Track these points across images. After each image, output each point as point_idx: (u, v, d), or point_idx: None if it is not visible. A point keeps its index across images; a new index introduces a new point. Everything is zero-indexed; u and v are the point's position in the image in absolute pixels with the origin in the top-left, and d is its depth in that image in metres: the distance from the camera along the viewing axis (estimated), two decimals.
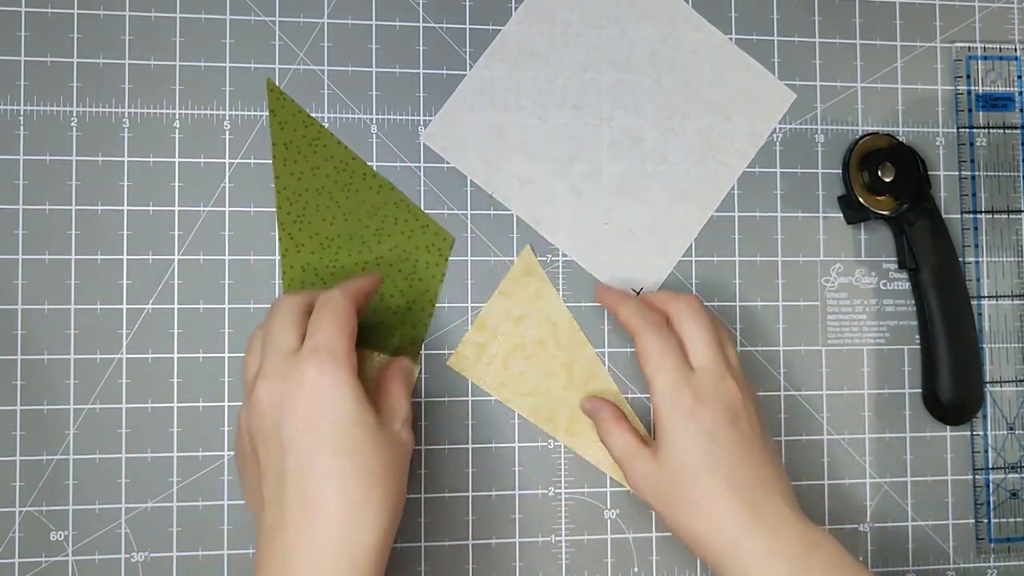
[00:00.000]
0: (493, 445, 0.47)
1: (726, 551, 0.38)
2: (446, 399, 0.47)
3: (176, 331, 0.45)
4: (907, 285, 0.50)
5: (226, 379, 0.45)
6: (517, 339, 0.47)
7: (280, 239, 0.46)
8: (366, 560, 0.34)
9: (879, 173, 0.48)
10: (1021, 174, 0.51)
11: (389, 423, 0.38)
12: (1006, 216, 0.51)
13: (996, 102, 0.51)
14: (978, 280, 0.50)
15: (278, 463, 0.35)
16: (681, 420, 0.39)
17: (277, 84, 0.47)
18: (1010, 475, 0.50)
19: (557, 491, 0.47)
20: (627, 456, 0.41)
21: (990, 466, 0.50)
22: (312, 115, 0.47)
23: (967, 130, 0.51)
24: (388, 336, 0.46)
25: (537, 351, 0.47)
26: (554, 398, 0.47)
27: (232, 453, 0.45)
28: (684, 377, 0.40)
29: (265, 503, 0.35)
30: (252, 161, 0.46)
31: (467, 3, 0.48)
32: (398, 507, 0.36)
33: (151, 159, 0.46)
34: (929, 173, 0.49)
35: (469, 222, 0.48)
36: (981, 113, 0.51)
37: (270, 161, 0.46)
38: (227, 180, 0.46)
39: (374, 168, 0.47)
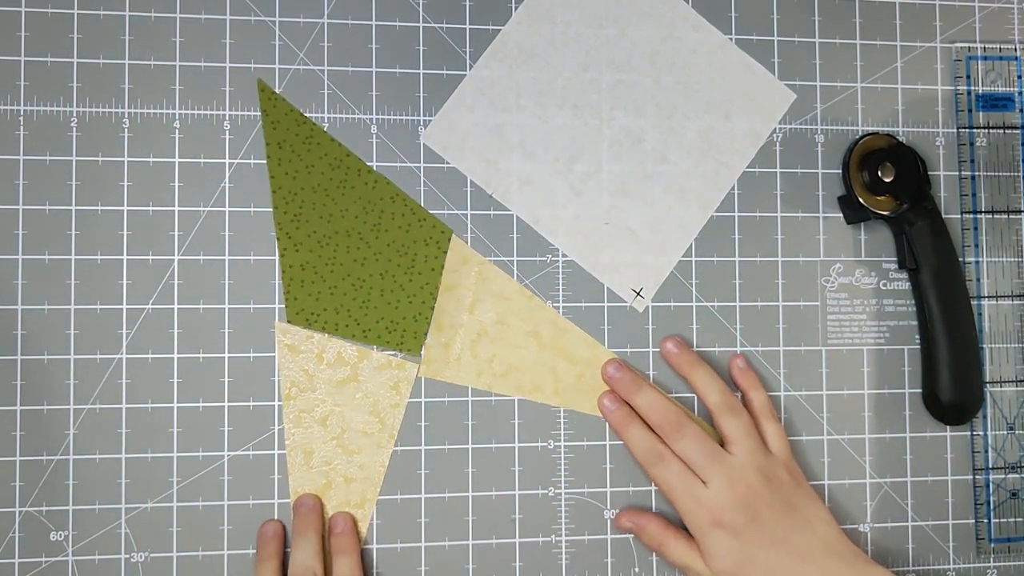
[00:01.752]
0: (493, 445, 0.47)
1: None
2: (446, 399, 0.47)
3: (176, 331, 0.45)
4: (907, 285, 0.50)
5: (226, 379, 0.45)
6: (477, 326, 0.47)
7: (278, 239, 0.46)
8: None
9: (879, 173, 0.48)
10: (1021, 174, 0.51)
11: None
12: (1006, 216, 0.51)
13: (996, 102, 0.51)
14: (978, 280, 0.50)
15: None
16: (708, 534, 0.43)
17: (277, 84, 0.47)
18: (1010, 475, 0.50)
19: (557, 491, 0.47)
20: (687, 561, 0.45)
21: (990, 466, 0.50)
22: (312, 115, 0.47)
23: (967, 130, 0.51)
24: (390, 331, 0.46)
25: (500, 330, 0.47)
26: (531, 367, 0.47)
27: (232, 453, 0.45)
28: (696, 498, 0.44)
29: None
30: (252, 161, 0.46)
31: (467, 3, 0.48)
32: None
33: (151, 159, 0.46)
34: (929, 173, 0.49)
35: (469, 222, 0.48)
36: (981, 113, 0.51)
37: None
38: (227, 180, 0.46)
39: (372, 167, 0.47)
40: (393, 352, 0.46)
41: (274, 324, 0.46)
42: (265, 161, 0.46)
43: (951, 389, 0.48)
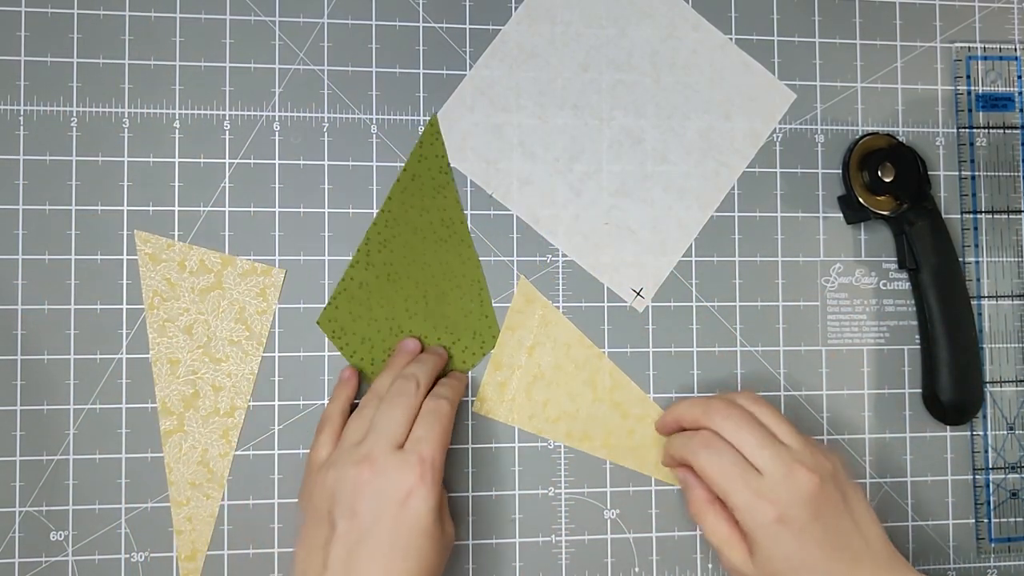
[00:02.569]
0: (493, 445, 0.47)
1: None
2: None
3: None
4: (907, 285, 0.50)
5: None
6: (534, 369, 0.47)
7: (359, 250, 0.46)
8: None
9: (879, 173, 0.48)
10: (1021, 174, 0.51)
11: (446, 524, 0.41)
12: (1006, 216, 0.51)
13: (996, 102, 0.51)
14: (978, 280, 0.50)
15: (352, 540, 0.38)
16: (768, 532, 0.39)
17: (277, 84, 0.47)
18: (1010, 475, 0.50)
19: (557, 491, 0.47)
20: (722, 545, 0.41)
21: (990, 466, 0.50)
22: (312, 115, 0.47)
23: (967, 130, 0.51)
24: None
25: (556, 375, 0.47)
26: (584, 417, 0.47)
27: (232, 453, 0.45)
28: (756, 490, 0.39)
29: (326, 567, 0.38)
30: (252, 161, 0.46)
31: (467, 3, 0.48)
32: None
33: (151, 159, 0.46)
34: (929, 173, 0.49)
35: (469, 222, 0.48)
36: (981, 113, 0.51)
37: (270, 161, 0.46)
38: (227, 180, 0.46)
39: (472, 242, 0.47)
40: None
41: (275, 327, 0.46)
42: (265, 161, 0.46)
43: (951, 389, 0.48)
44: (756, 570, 0.40)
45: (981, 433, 0.50)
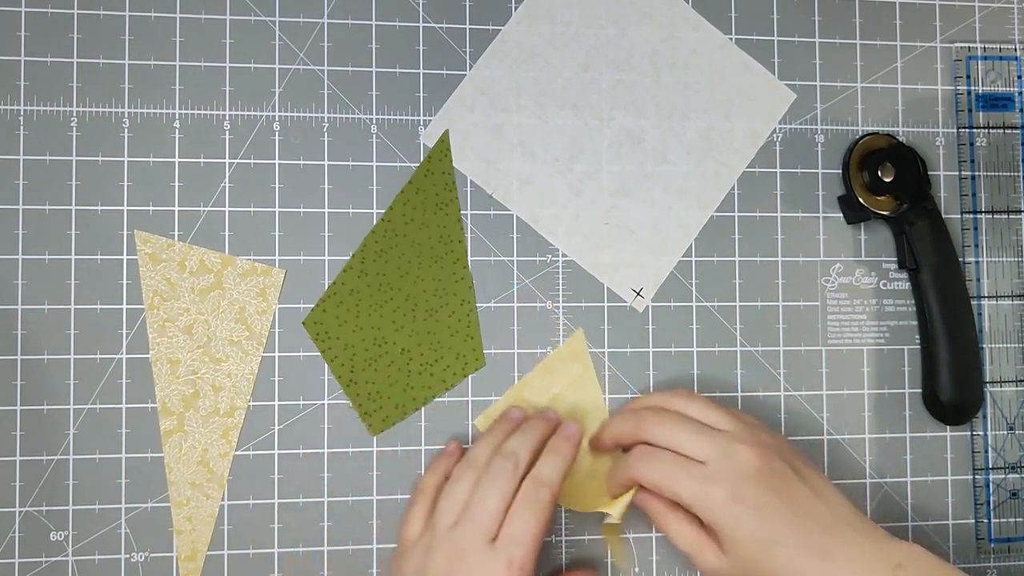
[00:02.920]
0: None
1: None
2: (446, 399, 0.47)
3: None
4: (907, 285, 0.50)
5: None
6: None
7: (353, 255, 0.46)
8: None
9: (879, 173, 0.48)
10: (1021, 174, 0.51)
11: None
12: (1006, 216, 0.51)
13: (996, 102, 0.51)
14: (978, 280, 0.50)
15: None
16: (726, 514, 0.39)
17: (277, 84, 0.47)
18: (1010, 475, 0.50)
19: None
20: (694, 550, 0.41)
21: (990, 466, 0.50)
22: (312, 115, 0.47)
23: (967, 130, 0.51)
24: (371, 399, 0.46)
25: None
26: (582, 472, 0.45)
27: (232, 453, 0.45)
28: (701, 478, 0.39)
29: None
30: (252, 161, 0.46)
31: (467, 3, 0.48)
32: None
33: (151, 159, 0.46)
34: (929, 173, 0.49)
35: (469, 222, 0.48)
36: (981, 113, 0.51)
37: (270, 161, 0.46)
38: (227, 180, 0.46)
39: (468, 263, 0.47)
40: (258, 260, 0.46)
41: (275, 327, 0.46)
42: (265, 161, 0.46)
43: (951, 389, 0.48)
44: (731, 563, 0.39)
45: (981, 433, 0.50)
